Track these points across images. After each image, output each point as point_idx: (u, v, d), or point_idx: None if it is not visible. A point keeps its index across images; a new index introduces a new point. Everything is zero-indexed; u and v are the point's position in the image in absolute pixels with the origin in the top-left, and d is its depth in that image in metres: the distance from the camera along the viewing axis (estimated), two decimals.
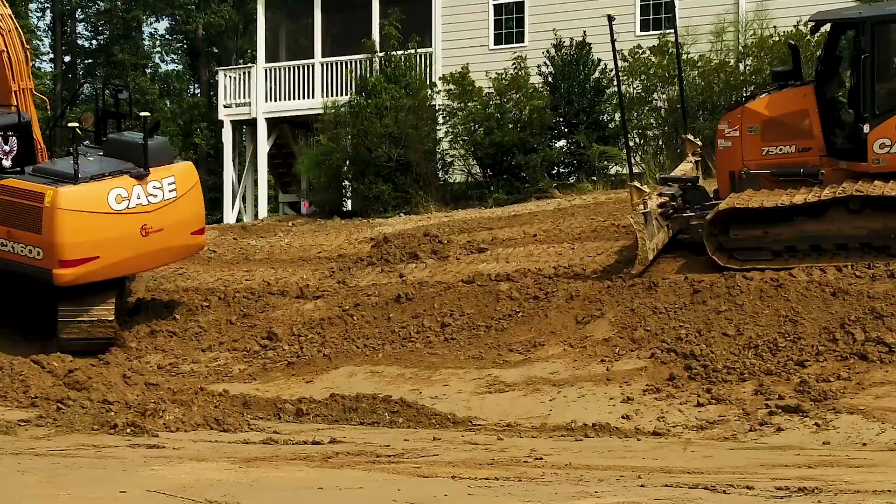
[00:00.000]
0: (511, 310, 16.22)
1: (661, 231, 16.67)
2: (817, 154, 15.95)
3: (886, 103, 15.54)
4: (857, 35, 15.56)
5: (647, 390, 13.63)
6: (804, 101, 16.09)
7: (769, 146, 16.20)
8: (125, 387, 15.54)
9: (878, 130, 15.47)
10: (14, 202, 16.89)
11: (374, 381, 15.17)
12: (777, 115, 16.22)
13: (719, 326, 14.57)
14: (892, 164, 15.45)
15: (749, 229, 15.70)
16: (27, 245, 16.82)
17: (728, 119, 16.83)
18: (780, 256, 15.64)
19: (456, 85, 24.90)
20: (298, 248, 22.45)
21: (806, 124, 16.00)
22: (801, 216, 15.49)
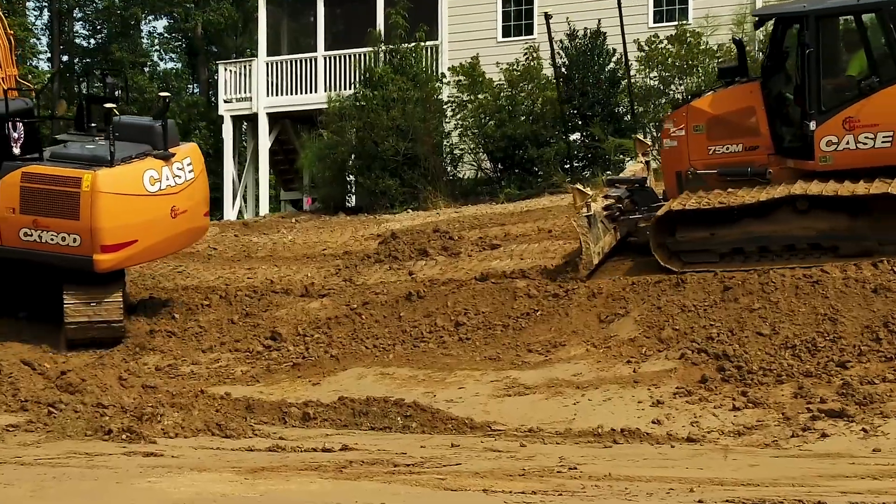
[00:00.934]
0: (529, 308, 15.39)
1: (607, 234, 16.30)
2: (765, 153, 15.51)
3: (832, 99, 15.08)
4: (802, 29, 15.04)
5: (678, 393, 12.79)
6: (750, 98, 15.64)
7: (715, 145, 15.74)
8: (121, 389, 14.72)
9: (824, 127, 14.98)
10: (46, 189, 16.35)
11: (385, 383, 14.33)
12: (723, 113, 15.75)
13: (753, 325, 13.72)
14: (839, 162, 14.96)
15: (695, 231, 15.24)
16: (60, 233, 16.29)
17: (673, 118, 16.39)
18: (728, 258, 15.16)
19: (466, 76, 24.05)
20: (302, 244, 21.67)
21: (752, 122, 15.55)
22: (748, 217, 15.03)
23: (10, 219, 16.39)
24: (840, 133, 14.95)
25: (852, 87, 15.19)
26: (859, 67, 15.38)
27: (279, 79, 30.34)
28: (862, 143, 14.92)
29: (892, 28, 14.83)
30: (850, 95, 15.12)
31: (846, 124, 14.93)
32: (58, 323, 16.96)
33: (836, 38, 15.89)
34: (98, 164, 16.40)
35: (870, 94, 14.94)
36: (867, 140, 14.89)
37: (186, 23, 54.96)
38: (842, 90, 15.28)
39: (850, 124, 14.90)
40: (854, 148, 14.94)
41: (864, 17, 15.37)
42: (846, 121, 14.94)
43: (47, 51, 57.94)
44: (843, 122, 14.95)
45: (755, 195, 15.02)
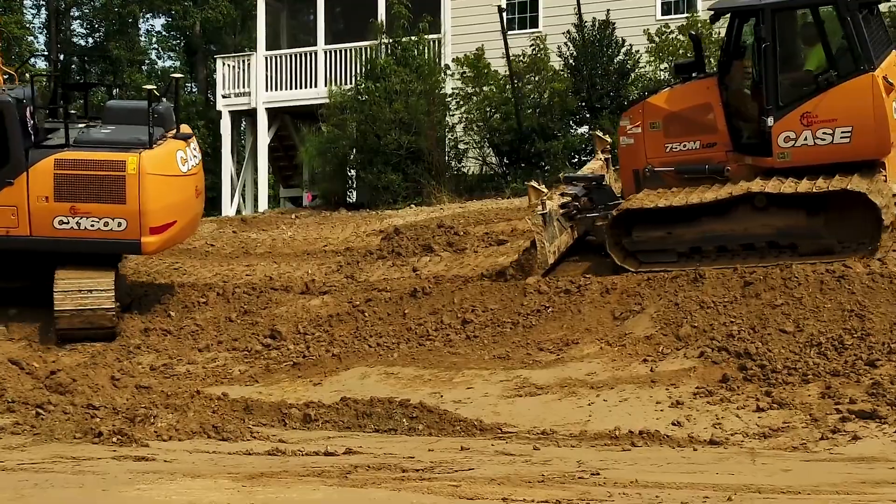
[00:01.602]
0: (540, 304, 14.75)
1: (563, 233, 15.97)
2: (723, 149, 15.22)
3: (790, 94, 14.75)
4: (758, 23, 14.68)
5: (699, 393, 12.16)
6: (707, 94, 15.32)
7: (673, 142, 15.45)
8: (113, 390, 14.11)
9: (782, 123, 14.67)
10: (86, 175, 16.16)
11: (390, 383, 13.70)
12: (679, 110, 15.45)
13: (776, 322, 13.09)
14: (797, 159, 14.66)
15: (652, 230, 14.97)
16: (102, 218, 16.15)
17: (629, 115, 16.03)
18: (685, 258, 14.87)
19: (471, 68, 23.39)
20: (302, 241, 21.09)
21: (710, 118, 15.24)
22: (706, 216, 14.74)
23: (43, 207, 16.14)
24: (798, 129, 14.62)
25: (810, 82, 14.84)
26: (817, 61, 15.04)
27: (278, 73, 29.69)
28: (820, 139, 14.58)
29: (848, 20, 14.47)
30: (808, 90, 14.80)
31: (804, 120, 14.60)
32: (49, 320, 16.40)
33: (793, 32, 15.52)
34: (131, 148, 16.28)
35: (827, 89, 14.63)
36: (825, 136, 14.55)
37: (185, 21, 54.36)
38: (799, 85, 14.94)
39: (807, 120, 14.57)
40: (812, 144, 14.61)
41: (821, 9, 15.03)
42: (804, 116, 14.61)
43: (45, 49, 57.42)
44: (801, 118, 14.62)
45: (712, 193, 14.70)
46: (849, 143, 14.52)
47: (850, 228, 14.38)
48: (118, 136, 16.50)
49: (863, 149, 14.60)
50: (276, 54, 29.95)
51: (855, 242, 14.38)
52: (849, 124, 14.50)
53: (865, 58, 14.49)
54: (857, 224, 14.36)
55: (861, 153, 14.62)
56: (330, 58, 28.63)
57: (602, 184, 16.48)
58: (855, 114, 14.50)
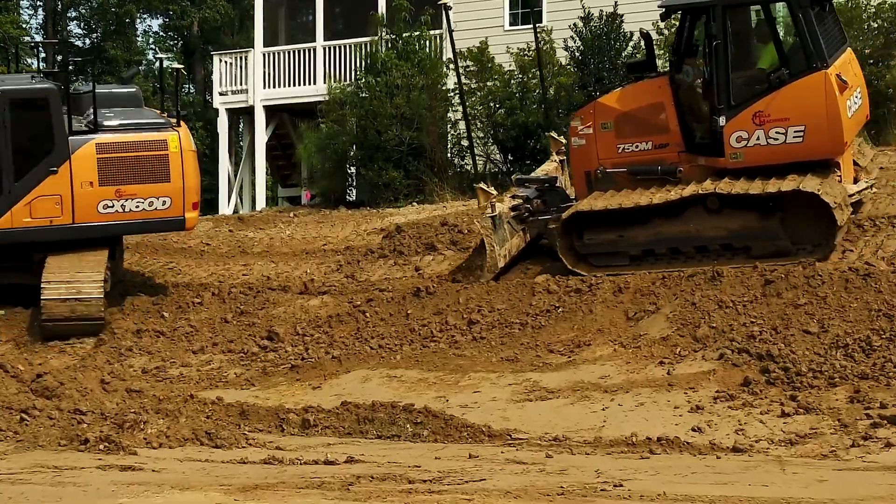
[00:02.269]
0: (549, 304, 14.14)
1: (514, 236, 15.73)
2: (675, 150, 14.91)
3: (742, 93, 14.44)
4: (709, 20, 14.36)
5: (719, 397, 11.52)
6: (659, 94, 14.98)
7: (625, 143, 15.17)
8: (103, 394, 13.40)
9: (734, 123, 14.36)
10: (129, 157, 16.36)
11: (392, 386, 13.08)
12: (631, 110, 15.15)
13: (799, 322, 12.46)
14: (750, 159, 14.36)
15: (603, 233, 14.77)
16: (148, 198, 16.41)
17: (580, 115, 15.67)
18: (638, 261, 14.65)
19: (474, 61, 22.73)
20: (301, 240, 20.48)
21: (662, 118, 14.95)
22: (658, 218, 14.51)
23: (87, 194, 16.17)
24: (750, 128, 14.28)
25: (762, 81, 14.45)
26: (770, 60, 14.68)
27: (276, 70, 29.01)
28: (773, 139, 14.25)
29: (800, 17, 14.11)
30: (760, 89, 14.46)
31: (756, 119, 14.27)
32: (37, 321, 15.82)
33: (745, 30, 15.19)
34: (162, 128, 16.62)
35: (779, 87, 14.30)
36: (778, 135, 14.21)
37: (182, 20, 53.76)
38: (751, 83, 14.60)
39: (760, 119, 14.25)
40: (765, 143, 14.28)
41: (773, 6, 14.80)
42: (756, 115, 14.28)
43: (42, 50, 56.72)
44: (753, 117, 14.28)
45: (663, 195, 14.37)
46: (802, 142, 14.20)
47: (804, 230, 14.08)
48: (135, 117, 16.67)
49: (816, 148, 14.26)
50: (274, 51, 29.28)
51: (809, 244, 14.10)
52: (802, 123, 14.18)
53: (818, 55, 14.18)
54: (811, 225, 14.05)
55: (814, 153, 14.28)
56: (329, 54, 27.98)
57: (555, 185, 16.21)
58: (808, 113, 14.17)
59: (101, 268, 16.01)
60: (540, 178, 16.44)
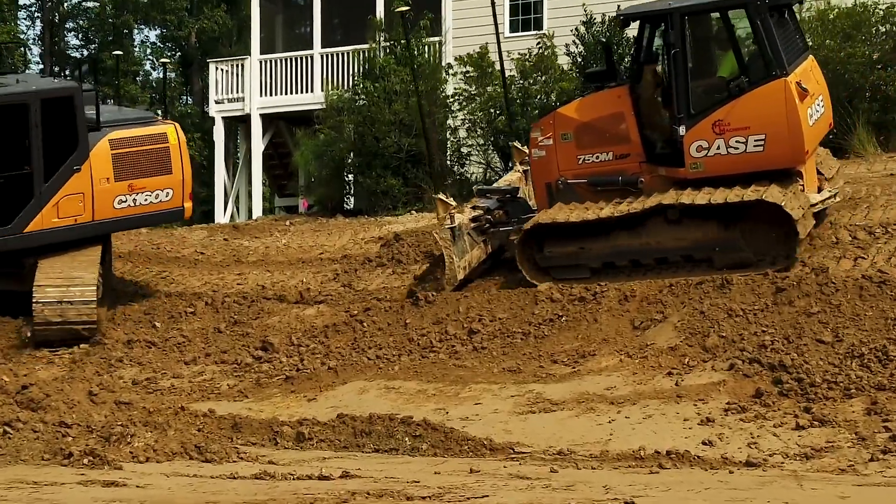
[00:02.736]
0: (552, 313, 13.70)
1: (475, 247, 15.56)
2: (636, 160, 14.71)
3: (701, 102, 14.20)
4: (667, 28, 14.16)
5: (730, 409, 11.05)
6: (619, 104, 14.74)
7: (585, 154, 14.97)
8: (91, 406, 12.90)
9: (693, 132, 14.12)
10: (138, 151, 16.68)
11: (390, 398, 12.62)
12: (591, 120, 14.96)
13: (812, 331, 12.02)
14: (711, 169, 14.11)
15: (563, 246, 14.61)
16: (154, 191, 16.77)
17: (540, 126, 15.42)
18: (599, 273, 14.47)
19: (474, 67, 22.30)
20: (297, 248, 20.06)
21: (622, 129, 14.73)
22: (619, 229, 14.36)
23: (105, 190, 16.36)
24: (710, 137, 14.02)
25: (721, 89, 14.17)
26: (729, 68, 14.42)
27: (273, 78, 28.63)
28: (733, 148, 13.97)
29: (759, 24, 13.81)
30: (720, 97, 14.15)
31: (716, 128, 14.01)
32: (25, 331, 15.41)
33: (704, 38, 15.00)
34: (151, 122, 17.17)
35: (739, 96, 14.00)
36: (738, 144, 13.93)
37: (179, 31, 53.41)
38: (710, 92, 14.34)
39: (719, 128, 13.99)
40: (725, 153, 14.00)
41: (731, 13, 14.42)
42: (716, 124, 14.01)
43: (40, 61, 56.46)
44: (713, 126, 14.02)
45: (623, 206, 14.13)
46: (762, 151, 13.91)
47: (766, 240, 13.81)
48: (120, 114, 17.12)
49: (777, 157, 13.96)
50: (270, 58, 28.88)
51: (771, 255, 13.82)
52: (762, 132, 13.90)
53: (777, 63, 13.89)
54: (772, 236, 13.78)
55: (775, 162, 13.98)
56: (326, 62, 27.57)
57: (516, 196, 15.99)
58: (768, 121, 13.89)
59: (94, 270, 15.81)
60: (501, 189, 16.27)
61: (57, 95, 16.09)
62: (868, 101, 19.62)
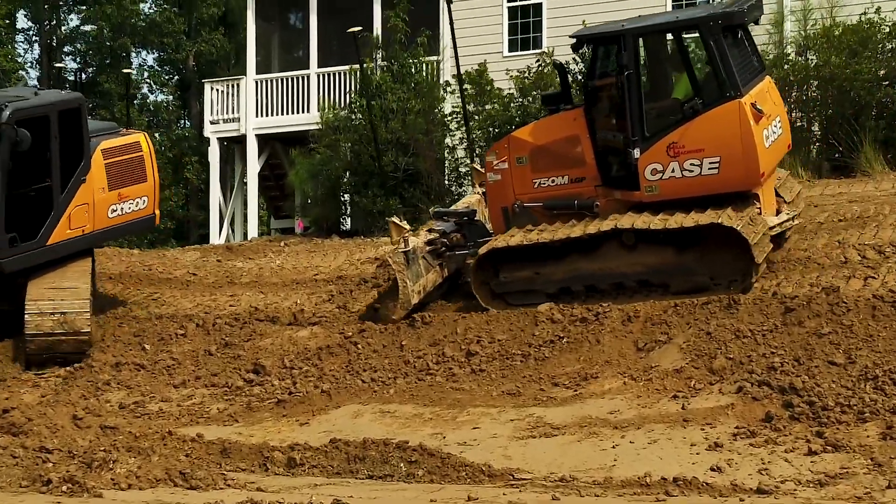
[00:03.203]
0: (553, 335, 13.29)
1: (430, 271, 15.27)
2: (592, 184, 14.49)
3: (656, 124, 13.96)
4: (620, 50, 13.94)
5: (739, 434, 10.62)
6: (574, 127, 14.53)
7: (540, 177, 14.75)
8: (74, 430, 12.56)
9: (648, 155, 13.87)
10: (124, 160, 16.83)
11: (385, 422, 12.22)
12: (546, 143, 14.70)
13: (823, 353, 11.59)
14: (666, 192, 13.88)
15: (519, 270, 14.39)
16: (135, 199, 16.99)
17: (495, 150, 15.14)
18: (555, 299, 14.19)
19: (473, 84, 21.92)
20: (291, 269, 19.60)
21: (577, 152, 14.48)
22: (574, 254, 14.13)
23: (102, 199, 16.49)
24: (665, 160, 13.75)
25: (675, 111, 13.88)
26: (683, 89, 14.15)
27: (269, 98, 28.23)
28: (688, 171, 13.70)
29: (712, 45, 13.53)
30: (674, 119, 13.87)
31: (670, 151, 13.74)
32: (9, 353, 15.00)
33: (657, 59, 14.76)
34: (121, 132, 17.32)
35: (693, 118, 13.69)
36: (693, 167, 13.66)
37: (177, 54, 53.18)
38: (665, 114, 14.08)
39: (674, 150, 13.73)
40: (680, 176, 13.73)
41: (684, 34, 14.27)
42: (670, 147, 13.75)
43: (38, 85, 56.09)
44: (668, 149, 13.75)
45: (577, 230, 13.88)
46: (717, 174, 13.63)
47: (722, 265, 13.51)
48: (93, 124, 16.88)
49: (732, 180, 13.67)
50: (266, 78, 28.51)
51: (727, 279, 13.50)
52: (717, 154, 13.60)
53: (731, 84, 13.59)
54: (728, 260, 13.47)
55: (731, 185, 13.70)
56: (323, 81, 27.21)
57: (474, 219, 15.70)
58: (722, 143, 13.59)
59: (86, 281, 15.80)
60: (459, 212, 15.99)
61: (70, 107, 16.15)
62: (875, 119, 19.25)
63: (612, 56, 14.28)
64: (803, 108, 20.02)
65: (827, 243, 14.84)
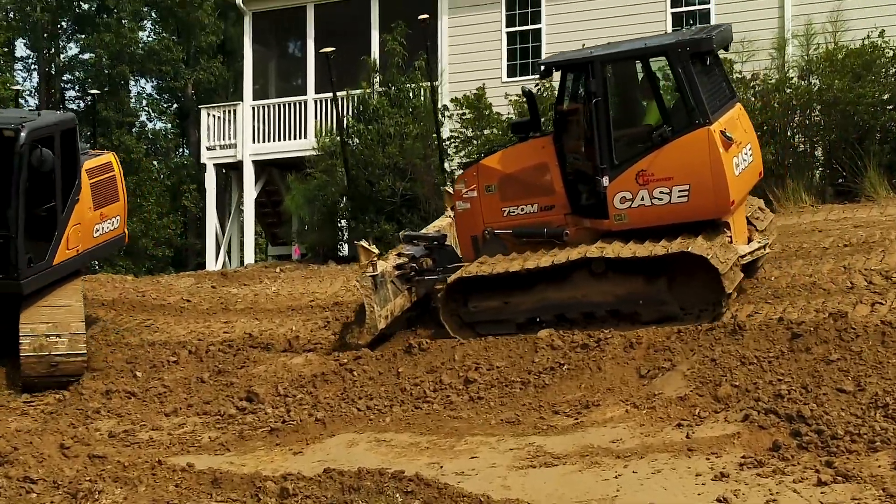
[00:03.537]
0: (553, 361, 12.96)
1: (399, 296, 15.14)
2: (561, 212, 14.41)
3: (624, 152, 13.81)
4: (588, 77, 13.79)
5: (746, 464, 10.27)
6: (543, 154, 14.40)
7: (510, 206, 14.69)
8: (62, 460, 12.20)
9: (617, 183, 13.74)
10: (102, 179, 16.82)
11: (381, 451, 11.86)
12: (515, 171, 14.61)
13: (832, 380, 11.26)
14: (635, 220, 13.78)
15: (488, 300, 14.21)
16: (111, 218, 17.03)
17: (464, 178, 15.01)
18: (525, 328, 14.00)
19: (471, 109, 21.68)
20: (287, 296, 19.31)
21: (547, 180, 14.39)
22: (543, 283, 13.94)
23: (90, 219, 16.50)
24: (634, 188, 13.63)
25: (644, 138, 13.73)
26: (652, 116, 14.04)
27: (266, 124, 28.00)
28: (657, 199, 13.56)
29: (681, 72, 13.35)
30: (643, 147, 13.72)
31: (639, 178, 13.62)
32: None
33: (626, 86, 14.58)
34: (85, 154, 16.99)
35: (662, 145, 13.52)
36: (662, 195, 13.50)
37: (176, 82, 53.07)
38: (633, 142, 13.93)
39: (643, 178, 13.61)
40: (650, 204, 13.61)
41: (652, 61, 14.10)
42: (639, 175, 13.62)
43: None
44: (637, 177, 13.62)
45: (547, 259, 13.69)
46: (687, 202, 13.47)
47: (693, 294, 13.33)
48: None
49: (702, 208, 13.52)
50: (263, 104, 28.29)
51: (698, 308, 13.31)
52: (686, 182, 13.44)
53: (700, 111, 13.41)
54: (699, 289, 13.29)
55: (700, 213, 13.55)
56: (320, 107, 26.98)
57: (444, 244, 15.52)
58: (692, 171, 13.43)
59: (79, 299, 15.76)
60: (429, 236, 15.79)
61: (69, 127, 16.15)
62: (879, 143, 19.01)
63: (581, 83, 14.12)
64: (806, 132, 19.80)
65: (832, 268, 14.56)
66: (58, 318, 15.29)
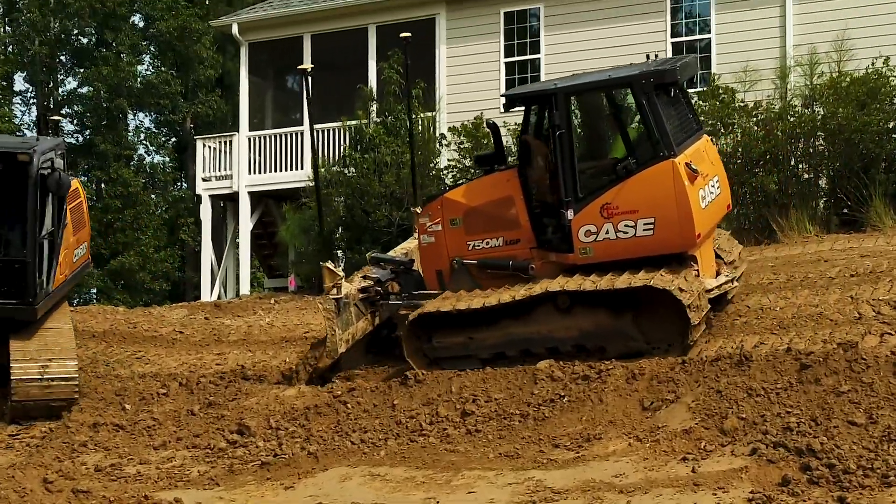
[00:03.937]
0: (553, 393, 12.59)
1: (362, 319, 15.02)
2: (526, 246, 14.19)
3: (589, 185, 13.65)
4: (551, 109, 13.62)
5: (754, 499, 9.89)
6: (508, 188, 14.19)
7: (475, 239, 14.48)
8: (45, 495, 11.88)
9: (581, 216, 13.58)
10: (76, 205, 16.55)
11: (375, 486, 11.49)
12: (480, 205, 14.43)
13: (842, 412, 10.88)
14: (600, 254, 13.60)
15: (452, 336, 13.97)
16: (83, 243, 16.87)
17: (428, 211, 14.80)
18: (490, 363, 13.74)
19: (468, 137, 21.39)
20: (281, 327, 18.98)
21: (512, 213, 14.20)
22: (508, 318, 13.71)
23: (71, 244, 16.28)
24: (598, 222, 13.48)
25: (609, 171, 13.53)
26: (617, 149, 13.87)
27: (262, 155, 27.72)
28: (622, 232, 13.38)
29: (645, 104, 13.17)
30: (607, 180, 13.54)
31: (604, 212, 13.45)
32: None
33: (591, 118, 14.49)
34: None
35: (627, 178, 13.33)
36: (627, 228, 13.33)
37: (174, 115, 52.94)
38: (598, 175, 13.77)
39: (608, 212, 13.43)
40: (615, 237, 13.43)
41: (616, 93, 13.91)
42: (604, 208, 13.45)
43: None
44: (601, 210, 13.45)
45: (509, 294, 13.48)
46: (652, 235, 13.28)
47: (659, 328, 13.08)
48: None
49: (667, 242, 13.31)
50: (259, 135, 28.01)
51: (665, 343, 13.05)
52: (651, 215, 13.25)
53: (665, 143, 13.20)
54: (665, 323, 13.03)
55: (666, 246, 13.32)
56: (316, 138, 26.66)
57: (411, 268, 15.24)
58: (656, 204, 13.25)
59: (68, 322, 15.51)
60: (396, 260, 15.55)
61: (62, 150, 16.31)
62: (884, 172, 18.70)
63: (545, 115, 13.91)
64: (810, 161, 19.51)
65: (839, 298, 14.21)
66: (48, 340, 15.02)
